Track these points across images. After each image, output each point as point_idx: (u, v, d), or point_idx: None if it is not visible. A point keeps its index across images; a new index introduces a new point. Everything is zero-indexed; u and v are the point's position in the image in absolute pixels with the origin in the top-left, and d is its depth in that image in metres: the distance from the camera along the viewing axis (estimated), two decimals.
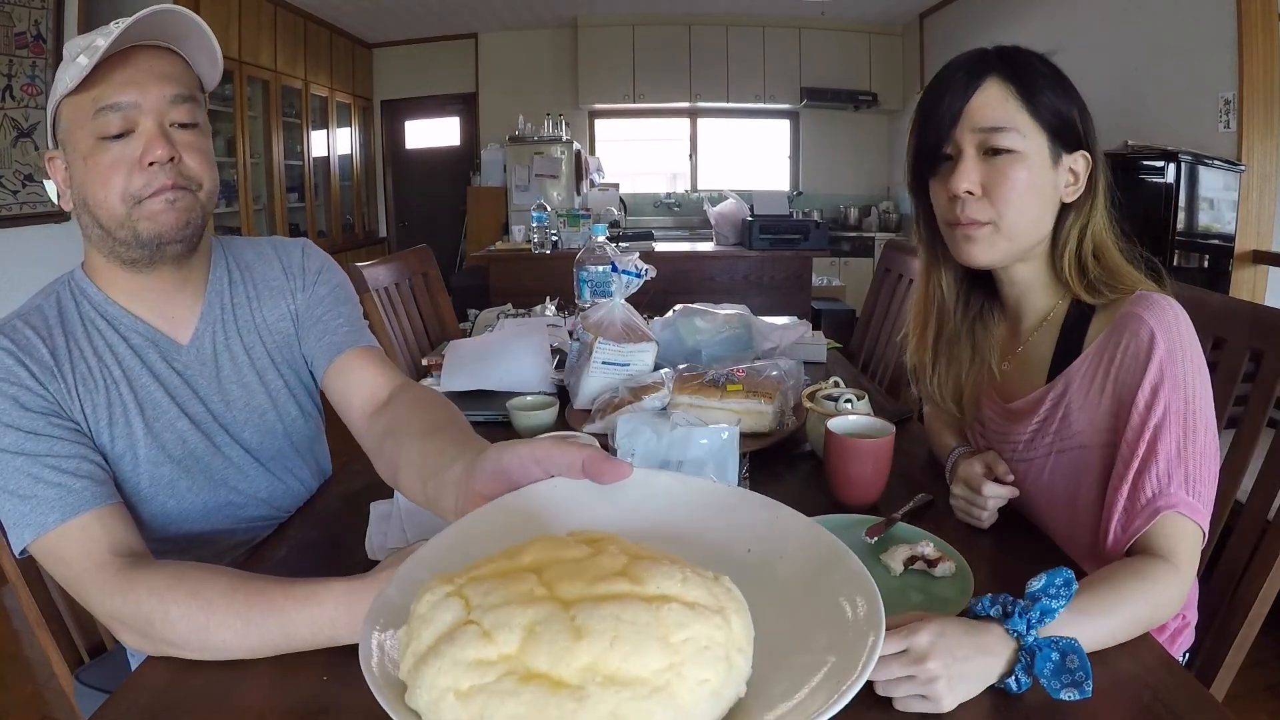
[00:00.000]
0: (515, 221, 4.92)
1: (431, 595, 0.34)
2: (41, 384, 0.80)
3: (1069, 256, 0.87)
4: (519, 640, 0.30)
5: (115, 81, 0.80)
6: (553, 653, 0.30)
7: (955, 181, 0.85)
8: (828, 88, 5.93)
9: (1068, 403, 0.86)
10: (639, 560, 0.34)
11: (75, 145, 0.82)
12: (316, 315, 1.02)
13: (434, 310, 2.23)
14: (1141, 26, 3.32)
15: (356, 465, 1.17)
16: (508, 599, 0.32)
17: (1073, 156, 0.85)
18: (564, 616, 0.31)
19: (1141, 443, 0.77)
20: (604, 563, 0.34)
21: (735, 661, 0.32)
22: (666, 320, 1.68)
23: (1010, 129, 0.83)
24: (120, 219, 0.83)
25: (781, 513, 0.45)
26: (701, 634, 0.31)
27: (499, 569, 0.34)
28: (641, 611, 0.31)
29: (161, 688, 0.66)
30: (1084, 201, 0.87)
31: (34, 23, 2.96)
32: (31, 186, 2.99)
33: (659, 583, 0.33)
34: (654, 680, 0.30)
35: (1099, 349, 0.83)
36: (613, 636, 0.30)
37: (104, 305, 0.89)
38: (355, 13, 5.43)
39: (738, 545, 0.43)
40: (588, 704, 0.28)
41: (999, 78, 0.84)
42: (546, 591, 0.32)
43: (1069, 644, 0.61)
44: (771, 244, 3.72)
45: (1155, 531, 0.77)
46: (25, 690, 1.83)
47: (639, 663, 0.30)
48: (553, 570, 0.34)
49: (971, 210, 0.85)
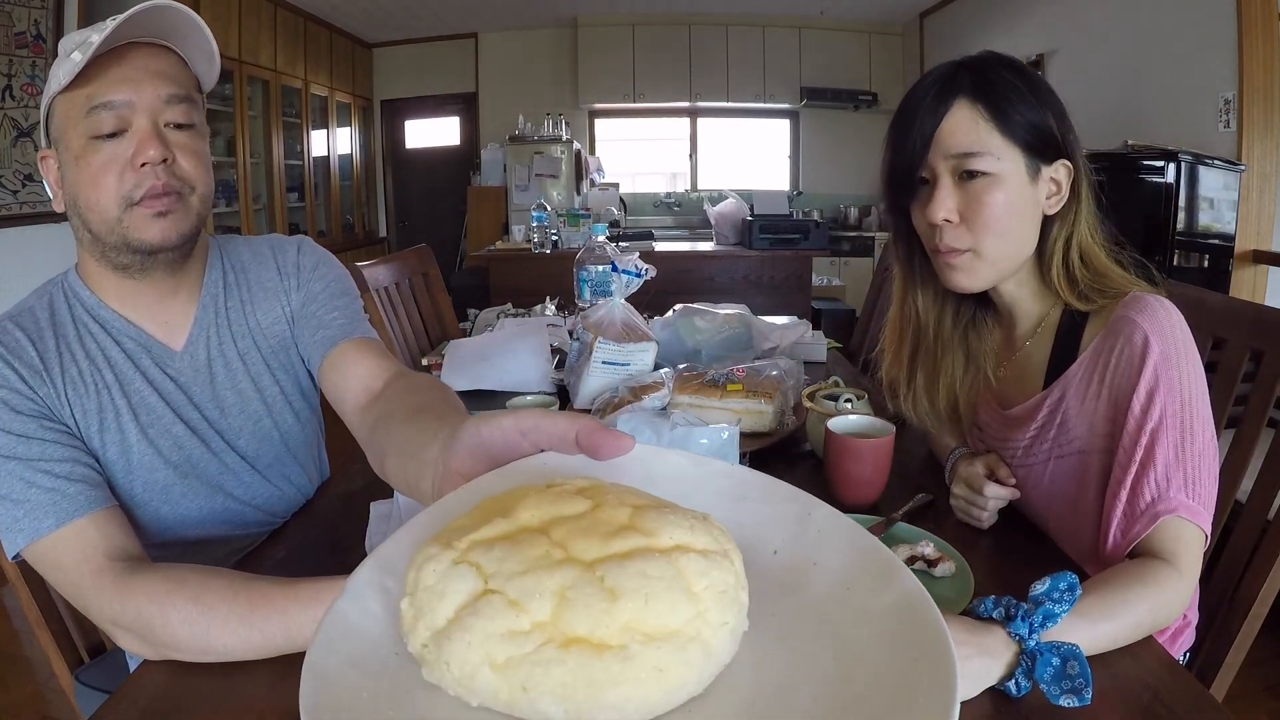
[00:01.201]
0: (515, 221, 4.93)
1: (436, 565, 0.32)
2: (31, 387, 0.79)
3: (1056, 267, 0.86)
4: (551, 607, 0.30)
5: (109, 79, 0.77)
6: (591, 616, 0.29)
7: (932, 210, 0.84)
8: (828, 87, 5.92)
9: (1065, 408, 0.86)
10: (642, 511, 0.34)
11: (67, 144, 0.80)
12: (311, 311, 0.99)
13: (434, 310, 2.23)
14: (1141, 26, 3.32)
15: (356, 466, 1.17)
16: (528, 565, 0.31)
17: (1053, 167, 0.84)
18: (593, 579, 0.30)
19: (1139, 447, 0.77)
20: (609, 516, 0.33)
21: (742, 599, 0.33)
22: (666, 320, 1.68)
23: (983, 153, 0.81)
24: (111, 223, 0.80)
25: (816, 509, 0.38)
26: (717, 580, 0.32)
27: (502, 532, 0.33)
28: (664, 565, 0.31)
29: (161, 688, 0.66)
30: (1068, 210, 0.86)
31: (34, 23, 2.96)
32: (31, 186, 3.00)
33: (670, 533, 0.33)
34: (687, 630, 0.30)
35: (1094, 354, 0.83)
36: (645, 594, 0.30)
37: (96, 309, 0.87)
38: (355, 12, 5.43)
39: (763, 545, 0.38)
40: (634, 662, 0.29)
41: (967, 99, 0.82)
42: (564, 553, 0.32)
43: (1070, 650, 0.61)
44: (771, 244, 3.72)
45: (1156, 536, 0.76)
46: (25, 690, 1.83)
47: (672, 617, 0.30)
48: (561, 530, 0.33)
49: (949, 238, 0.85)
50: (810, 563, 0.37)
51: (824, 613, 0.34)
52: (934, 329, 0.98)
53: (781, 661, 0.33)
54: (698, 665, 0.30)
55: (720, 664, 0.32)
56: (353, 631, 0.33)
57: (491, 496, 0.36)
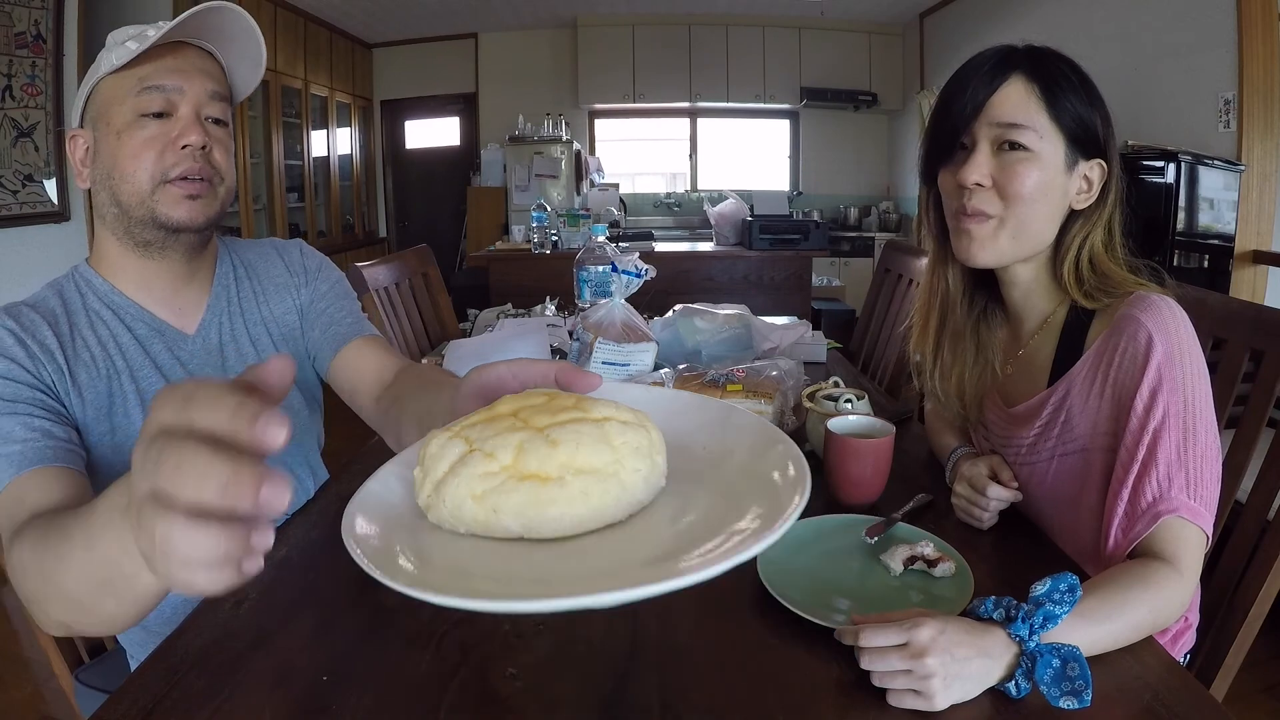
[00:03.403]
0: (515, 221, 4.93)
1: (438, 440, 0.44)
2: (36, 365, 0.80)
3: (1069, 264, 0.87)
4: (512, 455, 0.41)
5: (162, 65, 0.84)
6: (538, 458, 0.41)
7: (966, 172, 0.84)
8: (828, 88, 5.93)
9: (1069, 407, 0.86)
10: (585, 400, 0.46)
11: (110, 120, 0.84)
12: (320, 309, 1.05)
13: (434, 310, 2.23)
14: (1141, 26, 3.32)
15: (356, 466, 1.17)
16: (498, 431, 0.43)
17: (1089, 164, 0.85)
18: (541, 436, 0.42)
19: (1141, 446, 0.77)
20: (560, 403, 0.45)
21: (656, 460, 0.45)
22: (666, 320, 1.68)
23: (1028, 127, 0.82)
24: (142, 196, 0.85)
25: (734, 414, 0.52)
26: (632, 439, 0.43)
27: (483, 417, 0.45)
28: (593, 427, 0.43)
29: (161, 688, 0.66)
30: (1093, 210, 0.86)
31: (34, 23, 2.96)
32: (31, 186, 2.99)
33: (600, 409, 0.45)
34: (606, 469, 0.42)
35: (1098, 352, 0.83)
36: (576, 443, 0.42)
37: (109, 295, 0.89)
38: (355, 13, 5.43)
39: (695, 443, 0.50)
40: (567, 488, 0.41)
41: (1024, 76, 0.83)
42: (524, 424, 0.43)
43: (1070, 652, 0.61)
44: (771, 244, 3.72)
45: (1157, 536, 0.76)
46: (25, 690, 1.83)
47: (595, 459, 0.42)
48: (524, 412, 0.45)
49: (978, 201, 0.85)
50: (728, 452, 0.49)
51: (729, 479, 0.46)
52: (957, 309, 0.99)
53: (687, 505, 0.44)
54: (614, 495, 0.42)
55: (635, 500, 0.43)
56: (375, 497, 0.46)
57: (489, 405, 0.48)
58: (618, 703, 0.63)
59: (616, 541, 0.41)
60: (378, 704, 0.63)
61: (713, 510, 0.42)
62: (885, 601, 0.77)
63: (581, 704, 0.63)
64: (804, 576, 0.79)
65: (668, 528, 0.42)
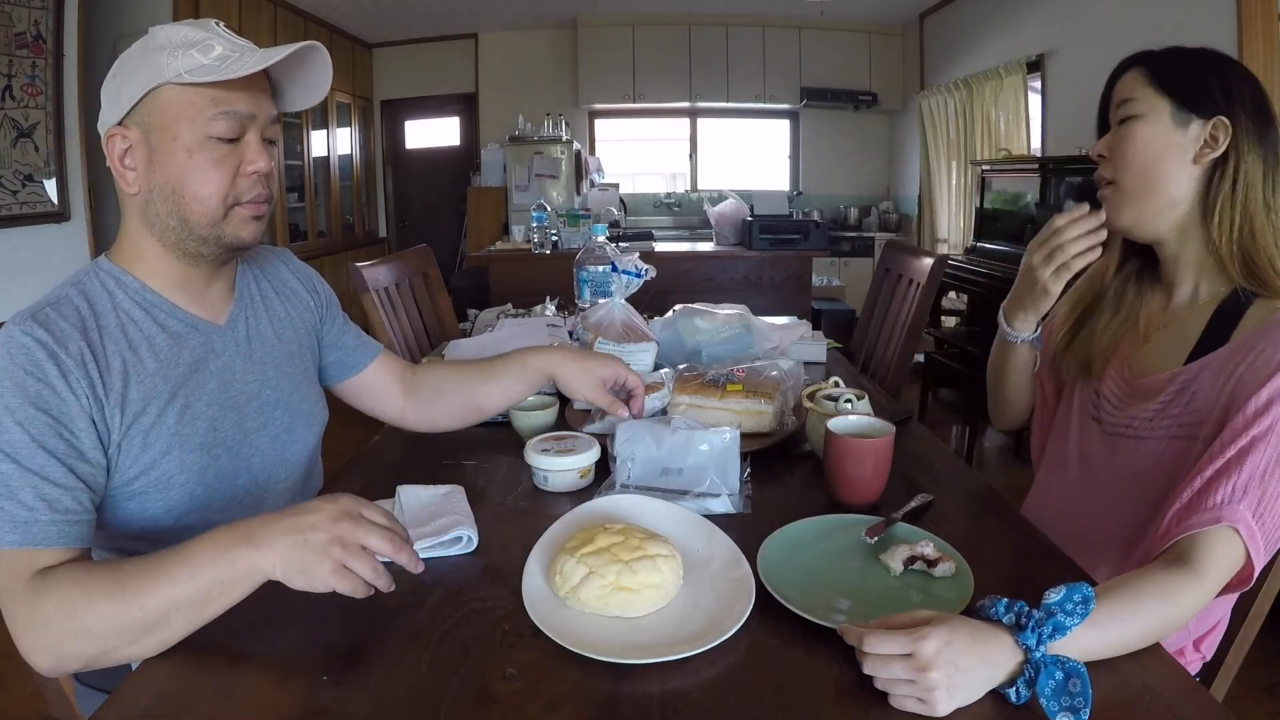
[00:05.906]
0: (515, 221, 4.93)
1: (570, 560, 0.78)
2: (68, 383, 0.77)
3: (1224, 233, 0.86)
4: (614, 576, 0.75)
5: (239, 90, 0.84)
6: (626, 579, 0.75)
7: (1091, 149, 0.96)
8: (828, 88, 5.93)
9: (1195, 390, 0.85)
10: (644, 540, 0.80)
11: (176, 134, 0.82)
12: (334, 338, 1.14)
13: (434, 310, 2.23)
14: (1141, 26, 3.32)
15: (356, 466, 1.18)
16: (603, 563, 0.76)
17: (1208, 123, 0.87)
18: (625, 566, 0.76)
19: (1233, 446, 0.76)
20: (632, 542, 0.79)
21: (679, 574, 0.79)
22: (666, 320, 1.68)
23: (1133, 99, 0.90)
24: (213, 218, 0.86)
25: (715, 533, 0.88)
26: (669, 566, 0.78)
27: (592, 549, 0.78)
28: (649, 562, 0.77)
29: (161, 687, 0.66)
30: (1225, 165, 0.86)
31: (34, 23, 2.96)
32: (31, 186, 2.99)
33: (652, 547, 0.79)
34: (659, 584, 0.76)
35: (1240, 345, 0.82)
36: (645, 571, 0.76)
37: (141, 292, 0.88)
38: (355, 13, 5.43)
39: (691, 548, 0.86)
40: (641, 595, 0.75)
41: (1138, 64, 0.92)
42: (616, 558, 0.76)
43: (1074, 667, 0.60)
44: (771, 244, 3.72)
45: (1203, 539, 0.74)
46: (25, 690, 1.83)
47: (653, 579, 0.76)
48: (615, 548, 0.78)
49: (1101, 169, 0.95)
50: (709, 557, 0.85)
51: (711, 578, 0.81)
52: (1103, 271, 1.03)
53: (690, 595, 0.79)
54: (662, 596, 0.76)
55: (671, 595, 0.77)
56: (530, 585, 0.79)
57: (583, 528, 0.84)
58: (617, 703, 0.63)
59: (664, 619, 0.75)
60: (378, 704, 0.63)
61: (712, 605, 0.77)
62: (885, 601, 0.77)
63: (581, 704, 0.63)
64: (804, 576, 0.79)
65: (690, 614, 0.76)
